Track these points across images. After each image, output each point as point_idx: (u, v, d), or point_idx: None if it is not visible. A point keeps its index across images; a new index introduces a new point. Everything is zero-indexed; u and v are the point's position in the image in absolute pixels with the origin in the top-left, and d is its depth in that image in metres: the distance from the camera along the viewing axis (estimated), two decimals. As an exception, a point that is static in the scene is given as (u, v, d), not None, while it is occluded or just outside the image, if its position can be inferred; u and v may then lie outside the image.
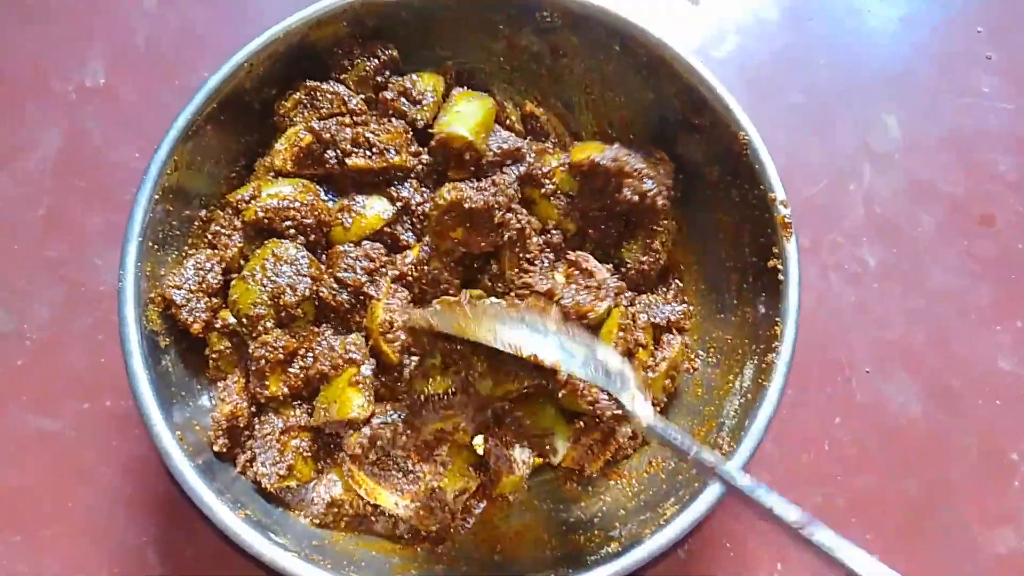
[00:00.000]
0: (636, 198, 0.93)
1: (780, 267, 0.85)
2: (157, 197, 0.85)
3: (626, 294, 0.95)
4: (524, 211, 0.92)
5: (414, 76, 0.98)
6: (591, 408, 0.86)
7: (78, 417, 1.00)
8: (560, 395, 0.88)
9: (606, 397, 0.87)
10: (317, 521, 0.87)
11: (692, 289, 1.01)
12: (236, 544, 0.76)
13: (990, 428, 1.04)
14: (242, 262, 0.90)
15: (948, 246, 1.13)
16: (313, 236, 0.91)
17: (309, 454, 0.86)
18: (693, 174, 0.99)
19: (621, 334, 0.89)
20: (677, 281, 1.01)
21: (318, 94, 0.95)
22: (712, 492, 0.77)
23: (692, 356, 0.96)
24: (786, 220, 0.86)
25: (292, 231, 0.89)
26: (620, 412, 0.87)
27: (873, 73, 1.23)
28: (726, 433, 0.84)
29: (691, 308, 0.98)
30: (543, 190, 0.96)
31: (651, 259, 0.97)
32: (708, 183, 0.97)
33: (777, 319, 0.84)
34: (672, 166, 0.98)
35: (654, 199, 0.94)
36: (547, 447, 0.86)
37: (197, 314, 0.86)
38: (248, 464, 0.86)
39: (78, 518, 0.96)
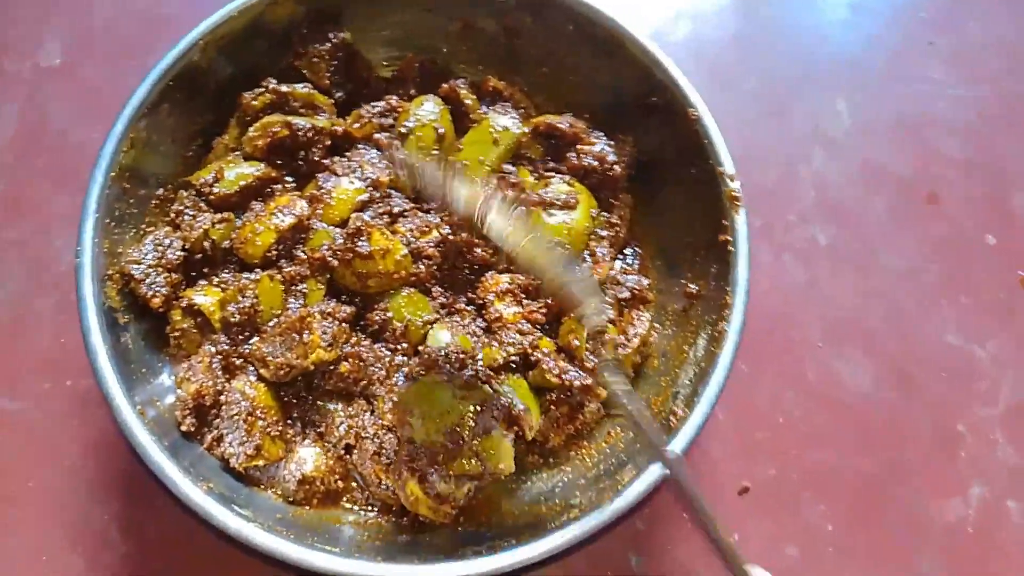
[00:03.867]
0: (596, 163, 0.96)
1: (730, 239, 0.88)
2: (114, 175, 0.85)
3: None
4: None
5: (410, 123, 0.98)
6: (559, 382, 0.89)
7: (39, 397, 1.00)
8: (530, 373, 0.91)
9: (575, 371, 0.89)
10: (290, 499, 0.88)
11: (650, 264, 1.03)
12: (200, 518, 0.76)
13: (938, 402, 1.08)
14: (206, 243, 0.90)
15: (897, 226, 1.16)
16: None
17: (276, 433, 0.87)
18: (651, 153, 1.01)
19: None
20: (637, 248, 1.03)
21: (289, 98, 0.96)
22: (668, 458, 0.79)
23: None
24: (734, 194, 0.89)
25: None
26: (589, 383, 0.89)
27: (825, 60, 1.26)
28: (681, 401, 0.86)
29: (652, 281, 1.00)
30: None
31: (612, 232, 0.99)
32: (665, 162, 1.00)
33: (728, 289, 0.87)
34: (632, 146, 1.01)
35: (612, 165, 0.96)
36: (526, 422, 0.87)
37: (156, 288, 0.86)
38: (215, 443, 0.87)
39: (40, 498, 0.96)
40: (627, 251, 1.04)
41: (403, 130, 0.97)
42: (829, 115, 1.22)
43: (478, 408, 0.84)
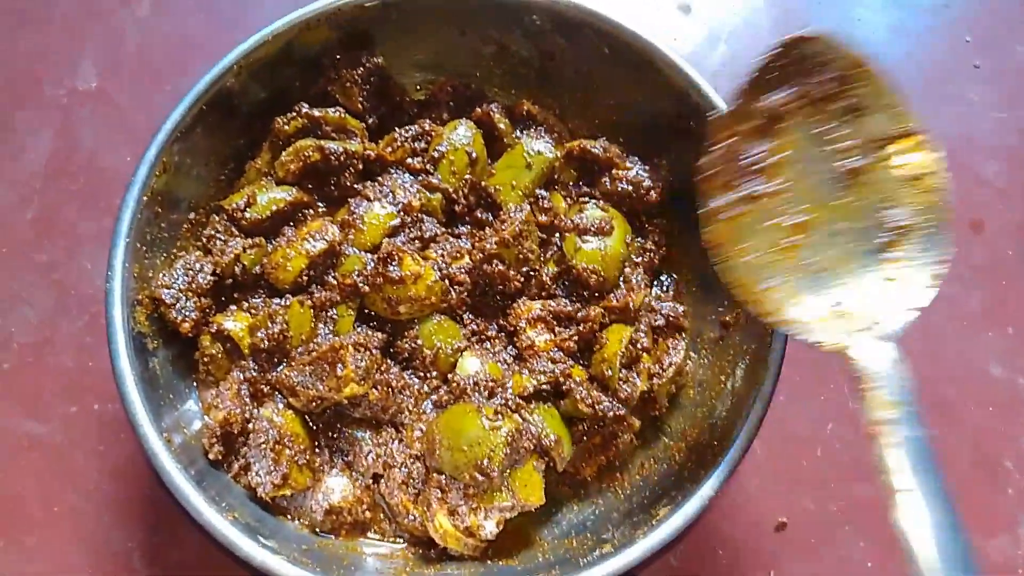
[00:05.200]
0: (631, 188, 0.94)
1: (771, 268, 0.85)
2: (146, 199, 0.85)
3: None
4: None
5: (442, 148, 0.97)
6: (592, 412, 0.86)
7: (65, 421, 0.99)
8: (561, 402, 0.89)
9: (608, 401, 0.87)
10: (317, 529, 0.86)
11: (684, 291, 1.01)
12: (224, 547, 0.75)
13: (983, 435, 1.04)
14: (236, 268, 0.90)
15: (938, 252, 1.13)
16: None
17: (304, 462, 0.85)
18: (685, 178, 0.99)
19: (627, 344, 0.89)
20: (672, 275, 1.01)
21: (322, 123, 0.95)
22: (704, 492, 0.77)
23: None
24: (772, 222, 0.86)
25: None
26: (622, 414, 0.87)
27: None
28: (718, 432, 0.84)
29: (688, 308, 0.98)
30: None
31: (646, 258, 0.97)
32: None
33: (768, 319, 0.84)
34: (667, 170, 0.99)
35: (648, 191, 0.94)
36: (557, 453, 0.85)
37: (187, 313, 0.86)
38: (242, 472, 0.86)
39: (64, 523, 0.95)
40: (661, 277, 1.02)
41: (436, 154, 0.96)
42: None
43: (509, 439, 0.82)
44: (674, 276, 1.02)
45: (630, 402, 0.88)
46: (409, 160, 0.97)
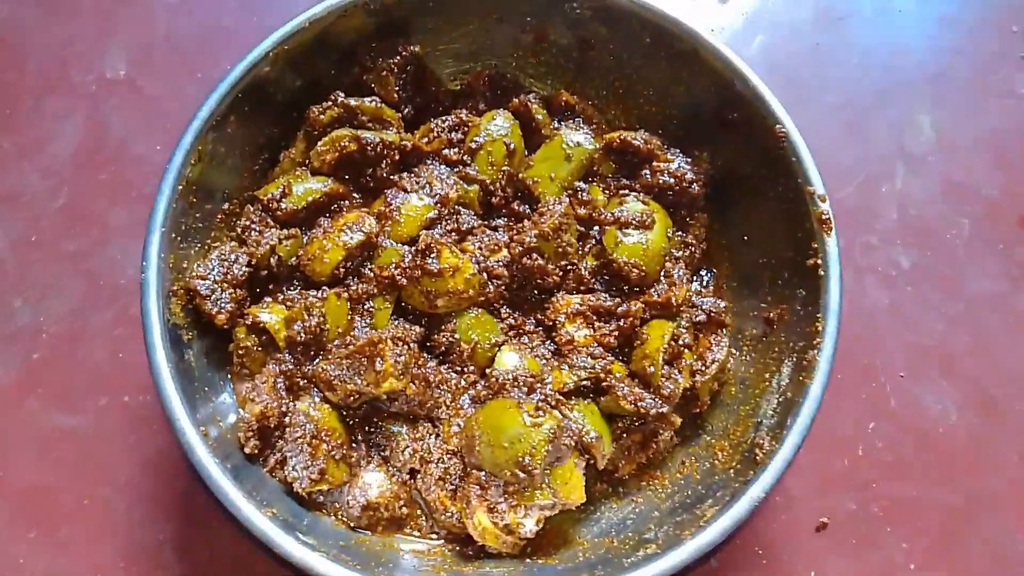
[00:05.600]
0: (673, 181, 0.92)
1: (820, 264, 0.83)
2: (180, 188, 0.83)
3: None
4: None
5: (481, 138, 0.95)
6: (634, 409, 0.84)
7: (97, 413, 0.98)
8: (601, 399, 0.87)
9: (650, 398, 0.85)
10: (353, 524, 0.85)
11: (724, 286, 0.99)
12: (260, 543, 0.73)
13: (1031, 434, 1.02)
14: (272, 260, 0.88)
15: (986, 249, 1.10)
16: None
17: (340, 456, 0.84)
18: (726, 170, 0.97)
19: (670, 340, 0.87)
20: (712, 270, 0.99)
21: (358, 112, 0.93)
22: (754, 493, 0.75)
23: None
24: (824, 216, 0.84)
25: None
26: (664, 411, 0.85)
27: (907, 73, 1.20)
28: (765, 432, 0.82)
29: (729, 304, 0.96)
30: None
31: (687, 253, 0.95)
32: (742, 179, 0.95)
33: (818, 315, 0.82)
34: (708, 163, 0.97)
35: (690, 183, 0.92)
36: (598, 450, 0.83)
37: (222, 304, 0.84)
38: (278, 466, 0.84)
39: (95, 516, 0.94)
40: (701, 272, 1.00)
41: (473, 145, 0.94)
42: (912, 131, 1.16)
43: (551, 436, 0.80)
44: (714, 271, 1.00)
45: (672, 399, 0.86)
46: (446, 151, 0.95)
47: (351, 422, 0.87)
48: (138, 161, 1.10)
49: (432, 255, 0.86)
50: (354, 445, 0.87)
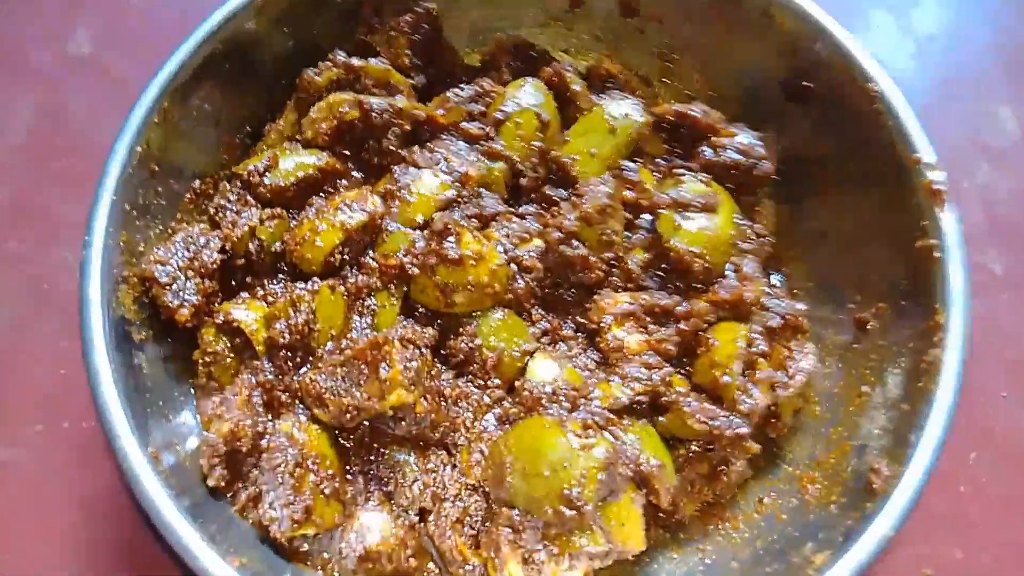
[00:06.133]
0: (740, 158, 0.77)
1: (935, 244, 0.67)
2: (139, 152, 0.67)
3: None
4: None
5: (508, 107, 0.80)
6: (706, 430, 0.67)
7: (31, 442, 0.80)
8: (660, 419, 0.70)
9: (725, 416, 0.67)
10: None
11: (795, 290, 0.83)
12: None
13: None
14: (251, 245, 0.71)
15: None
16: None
17: (331, 491, 0.65)
18: (796, 155, 0.82)
19: (743, 346, 0.70)
20: (783, 272, 0.83)
21: (362, 75, 0.78)
22: (880, 530, 0.57)
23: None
24: (936, 186, 0.69)
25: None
26: (743, 433, 0.67)
27: (984, 60, 1.07)
28: (878, 455, 0.65)
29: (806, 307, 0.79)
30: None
31: (757, 245, 0.79)
32: (815, 162, 0.81)
33: (935, 306, 0.66)
34: (773, 141, 0.82)
35: (760, 159, 0.78)
36: (660, 482, 0.65)
37: (185, 297, 0.67)
38: (251, 504, 0.66)
39: (22, 570, 0.75)
40: (769, 274, 0.84)
41: (499, 115, 0.79)
42: (990, 124, 1.02)
43: (606, 461, 0.62)
44: (784, 272, 0.84)
45: (753, 417, 0.69)
46: (465, 125, 0.80)
47: (346, 448, 0.69)
48: (99, 150, 0.92)
49: (450, 239, 0.70)
50: (349, 478, 0.68)
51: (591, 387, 0.70)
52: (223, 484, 0.65)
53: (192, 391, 0.71)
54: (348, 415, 0.66)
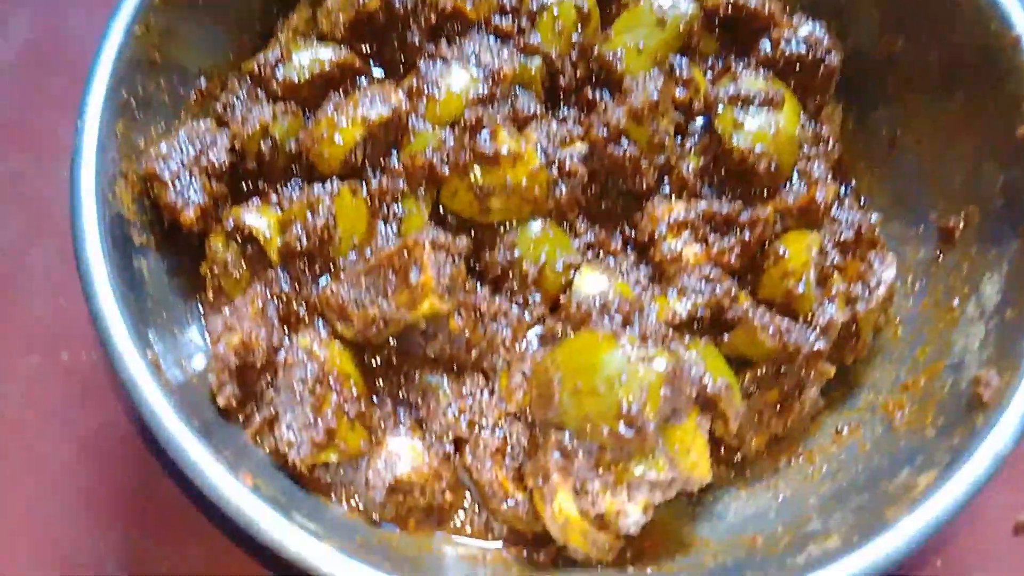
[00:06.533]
0: (805, 51, 0.68)
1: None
2: (139, 32, 0.60)
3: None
4: None
5: None
6: (780, 347, 0.59)
7: (26, 376, 0.73)
8: (724, 337, 0.62)
9: (801, 330, 0.59)
10: (375, 516, 0.59)
11: (866, 203, 0.75)
12: (242, 533, 0.47)
13: None
14: (263, 144, 0.63)
15: None
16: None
17: (356, 414, 0.57)
18: (864, 56, 0.74)
19: (817, 254, 0.62)
20: (852, 183, 0.75)
21: None
22: (995, 444, 0.49)
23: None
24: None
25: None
26: (823, 348, 0.59)
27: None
28: (982, 368, 0.56)
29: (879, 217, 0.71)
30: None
31: (825, 150, 0.71)
32: (888, 61, 0.73)
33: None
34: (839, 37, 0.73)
35: (827, 51, 0.69)
36: (728, 405, 0.57)
37: (190, 196, 0.59)
38: (266, 428, 0.58)
39: (15, 518, 0.68)
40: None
41: (535, 6, 0.70)
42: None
43: (670, 375, 0.54)
44: (853, 183, 0.75)
45: (831, 332, 0.61)
46: (497, 20, 0.72)
47: (372, 369, 0.61)
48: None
49: (484, 134, 0.62)
50: (376, 401, 0.61)
51: (646, 302, 0.62)
52: (234, 404, 0.57)
53: (201, 311, 0.63)
54: (374, 328, 0.58)
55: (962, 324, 0.62)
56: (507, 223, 0.65)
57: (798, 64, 0.71)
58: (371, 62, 0.71)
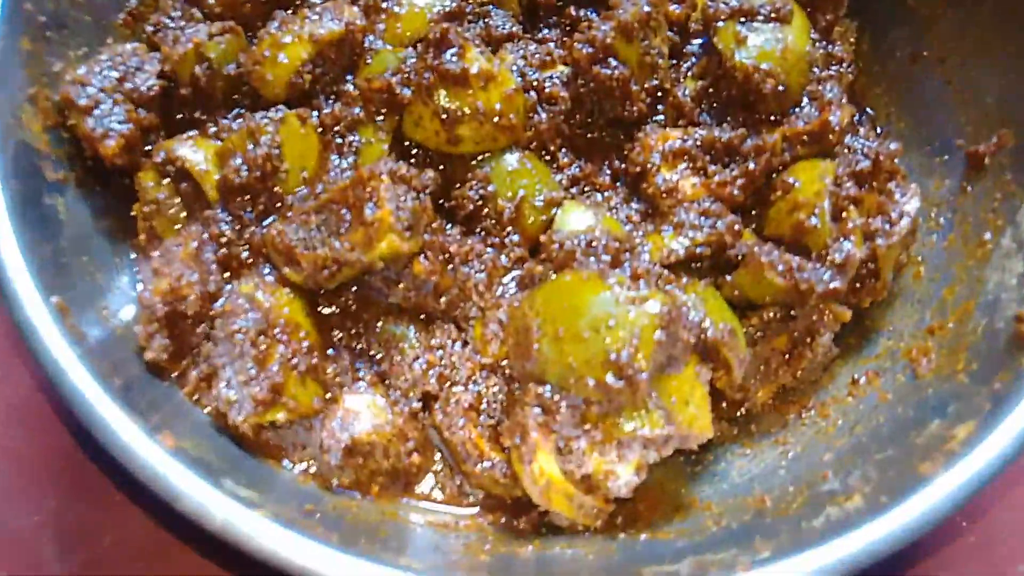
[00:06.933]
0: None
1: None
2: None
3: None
4: None
5: None
6: (791, 286, 0.52)
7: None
8: (727, 278, 0.55)
9: (814, 268, 0.52)
10: (332, 479, 0.52)
11: (887, 130, 0.67)
12: (165, 503, 0.40)
13: None
14: (198, 69, 0.56)
15: None
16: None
17: (305, 368, 0.50)
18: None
19: (831, 183, 0.55)
20: (868, 110, 0.67)
21: None
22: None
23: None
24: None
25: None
26: (838, 288, 0.52)
27: None
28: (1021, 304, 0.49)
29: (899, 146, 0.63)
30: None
31: (836, 72, 0.63)
32: None
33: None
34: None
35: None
36: (731, 351, 0.50)
37: (111, 125, 0.52)
38: (203, 385, 0.51)
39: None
40: (850, 111, 0.68)
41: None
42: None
43: (663, 319, 0.47)
44: (868, 110, 0.68)
45: (848, 269, 0.53)
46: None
47: (327, 318, 0.54)
48: None
49: (451, 51, 0.54)
50: (331, 353, 0.54)
51: (638, 240, 0.55)
52: (165, 359, 0.50)
53: (131, 257, 0.56)
54: (326, 272, 0.51)
55: (995, 259, 0.55)
56: (479, 155, 0.58)
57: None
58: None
